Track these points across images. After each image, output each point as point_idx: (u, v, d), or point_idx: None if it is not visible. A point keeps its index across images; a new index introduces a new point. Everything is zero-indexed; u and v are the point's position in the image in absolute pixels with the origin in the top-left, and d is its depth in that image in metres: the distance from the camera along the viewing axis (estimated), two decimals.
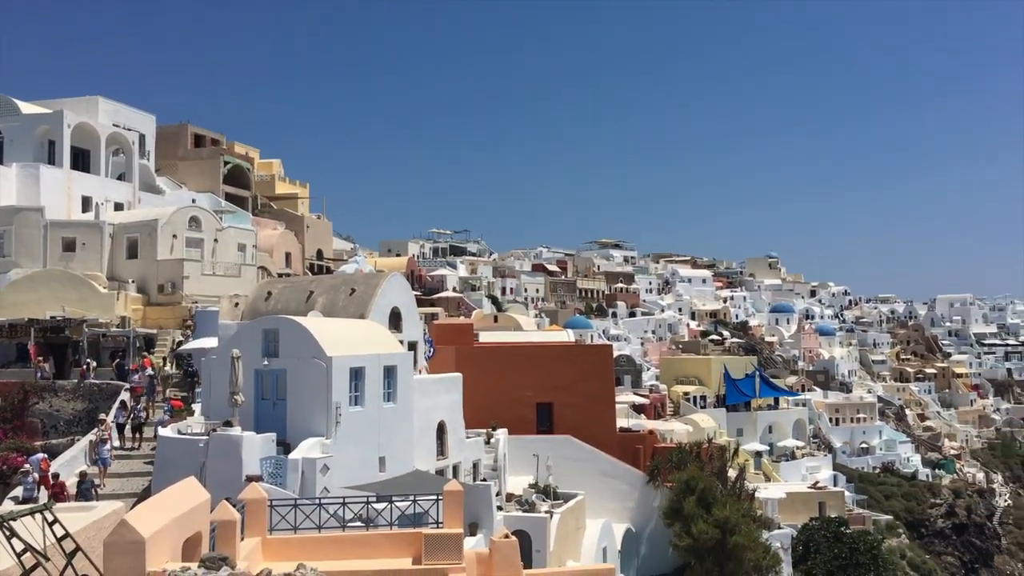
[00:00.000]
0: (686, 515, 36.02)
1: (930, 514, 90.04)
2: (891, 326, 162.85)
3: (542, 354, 45.00)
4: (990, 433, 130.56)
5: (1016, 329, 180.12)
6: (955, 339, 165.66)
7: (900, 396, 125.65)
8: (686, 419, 68.87)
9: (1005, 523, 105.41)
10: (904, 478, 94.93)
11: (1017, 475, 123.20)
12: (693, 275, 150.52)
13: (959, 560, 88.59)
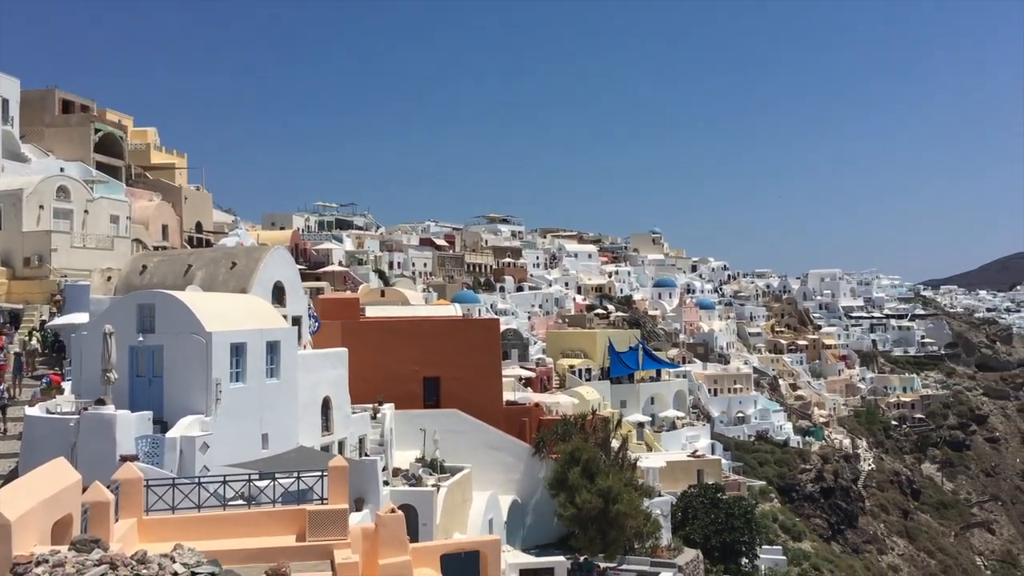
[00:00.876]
0: (570, 485, 36.71)
1: (800, 479, 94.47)
2: (766, 300, 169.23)
3: (429, 328, 44.89)
4: (856, 401, 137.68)
5: (881, 302, 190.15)
6: (825, 312, 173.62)
7: (774, 367, 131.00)
8: (572, 392, 70.01)
9: (868, 486, 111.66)
10: (777, 445, 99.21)
11: (880, 441, 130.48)
12: (579, 250, 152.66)
13: (826, 522, 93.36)
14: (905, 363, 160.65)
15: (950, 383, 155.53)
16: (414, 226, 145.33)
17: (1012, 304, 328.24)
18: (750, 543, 46.76)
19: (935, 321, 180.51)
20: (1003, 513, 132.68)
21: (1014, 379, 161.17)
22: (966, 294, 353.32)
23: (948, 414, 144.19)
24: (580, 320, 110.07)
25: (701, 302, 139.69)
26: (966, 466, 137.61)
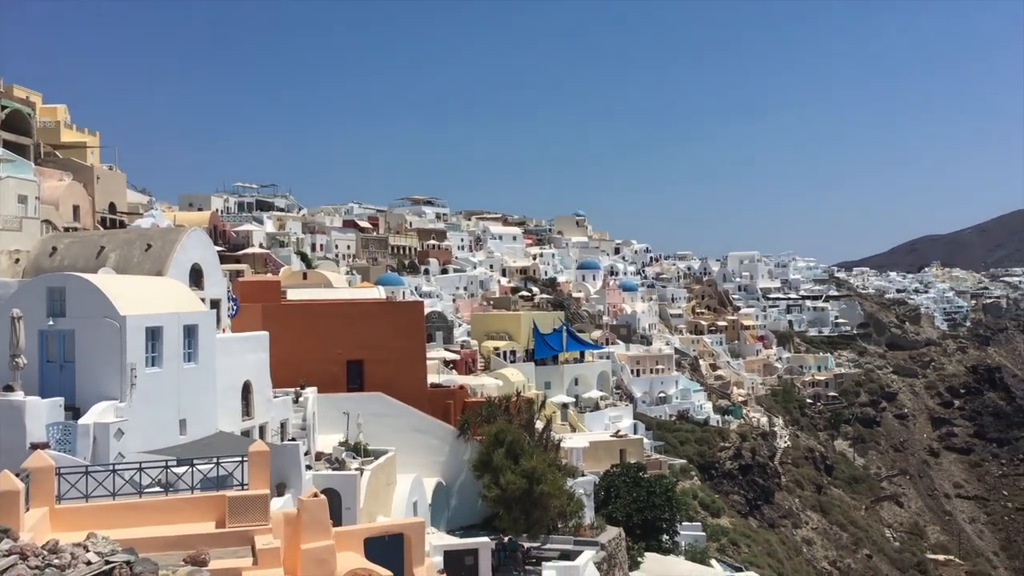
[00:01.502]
0: (495, 467, 36.88)
1: (720, 457, 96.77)
2: (688, 282, 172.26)
3: (352, 311, 44.46)
4: (773, 381, 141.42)
5: (797, 284, 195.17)
6: (744, 294, 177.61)
7: (695, 348, 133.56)
8: (496, 374, 70.22)
9: (784, 462, 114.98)
10: (697, 424, 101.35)
11: (796, 418, 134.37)
12: (504, 232, 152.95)
13: (744, 498, 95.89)
14: (820, 343, 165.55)
15: (862, 362, 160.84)
16: (337, 208, 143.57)
17: (920, 285, 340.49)
18: (670, 520, 47.74)
19: (848, 302, 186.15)
20: (911, 486, 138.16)
21: (921, 357, 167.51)
22: (877, 276, 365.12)
23: (860, 392, 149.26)
24: (505, 302, 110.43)
25: (624, 284, 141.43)
26: (876, 442, 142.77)
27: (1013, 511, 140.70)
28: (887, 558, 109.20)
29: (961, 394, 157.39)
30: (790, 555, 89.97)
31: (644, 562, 41.45)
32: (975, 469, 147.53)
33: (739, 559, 62.25)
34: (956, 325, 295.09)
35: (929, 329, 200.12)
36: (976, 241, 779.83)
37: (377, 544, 19.53)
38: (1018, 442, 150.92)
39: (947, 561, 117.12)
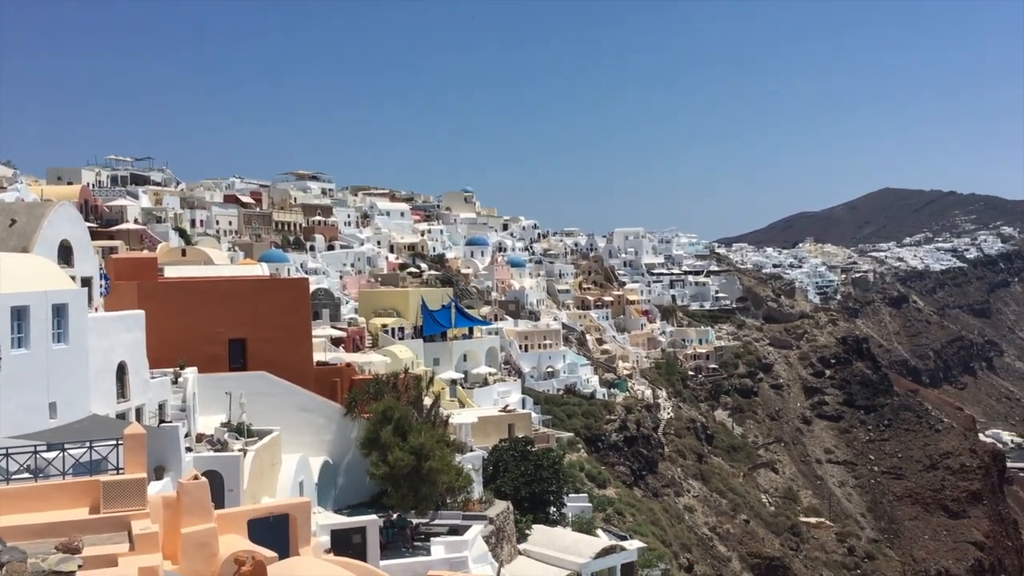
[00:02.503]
0: (383, 444, 36.70)
1: (606, 429, 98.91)
2: (575, 257, 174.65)
3: (234, 289, 43.30)
4: (657, 354, 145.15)
5: (680, 260, 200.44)
6: (629, 269, 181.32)
7: (582, 323, 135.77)
8: (384, 351, 69.76)
9: (668, 433, 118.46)
10: (584, 398, 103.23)
11: (678, 390, 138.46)
12: (392, 208, 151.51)
13: (629, 468, 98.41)
14: (701, 317, 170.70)
15: (740, 335, 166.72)
16: (217, 182, 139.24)
17: (795, 260, 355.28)
18: (558, 492, 48.55)
19: (728, 277, 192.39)
20: (785, 453, 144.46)
21: (796, 330, 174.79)
22: (755, 251, 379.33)
23: (738, 363, 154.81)
24: (393, 279, 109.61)
25: (512, 260, 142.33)
26: (754, 411, 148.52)
27: (879, 474, 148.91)
28: (763, 522, 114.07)
29: (832, 364, 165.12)
30: (672, 523, 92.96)
31: (532, 534, 42.05)
32: (844, 435, 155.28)
33: (624, 528, 63.88)
34: (827, 298, 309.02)
35: (803, 302, 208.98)
36: (846, 218, 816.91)
37: (262, 526, 19.22)
38: (883, 409, 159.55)
39: (819, 523, 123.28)
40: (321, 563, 18.96)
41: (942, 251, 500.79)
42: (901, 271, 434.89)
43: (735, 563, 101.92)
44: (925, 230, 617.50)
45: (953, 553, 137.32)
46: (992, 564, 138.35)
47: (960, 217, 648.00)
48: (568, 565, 38.62)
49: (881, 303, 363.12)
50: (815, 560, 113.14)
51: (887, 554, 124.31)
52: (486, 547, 35.81)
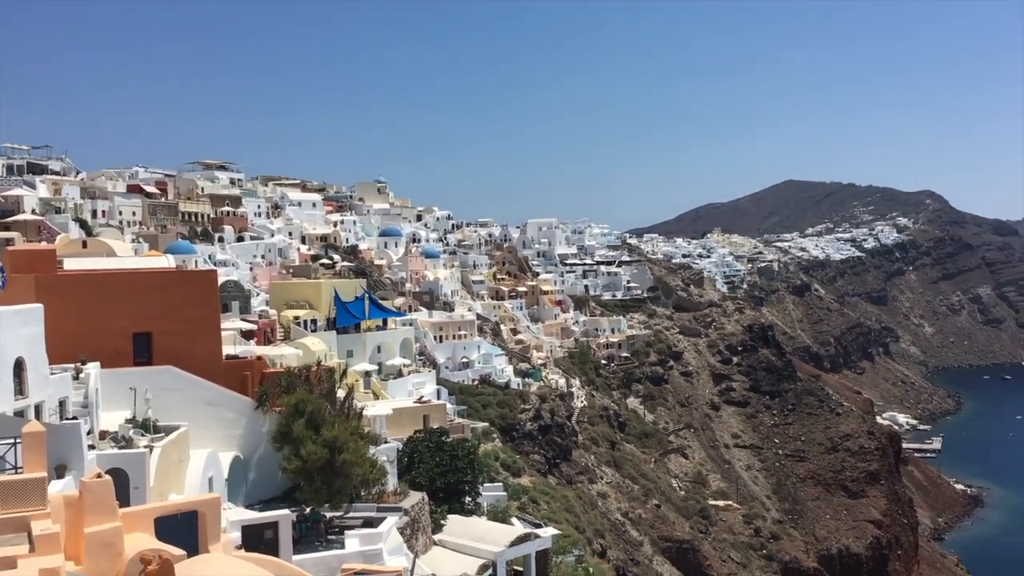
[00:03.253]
0: (295, 438, 36.19)
1: (520, 418, 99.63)
2: (489, 248, 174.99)
3: (138, 281, 42.06)
4: (570, 343, 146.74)
5: (592, 250, 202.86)
6: (543, 259, 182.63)
7: (496, 313, 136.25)
8: (297, 343, 68.82)
9: (581, 421, 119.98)
10: (499, 388, 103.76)
11: (591, 379, 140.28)
12: (303, 199, 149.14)
13: (544, 457, 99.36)
14: (613, 306, 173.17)
15: (651, 323, 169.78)
16: (120, 172, 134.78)
17: (703, 250, 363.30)
18: (473, 482, 48.73)
19: (639, 267, 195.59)
20: (695, 439, 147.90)
21: (704, 318, 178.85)
22: (665, 242, 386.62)
23: (650, 352, 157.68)
24: (305, 270, 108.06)
25: (426, 251, 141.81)
26: (664, 398, 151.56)
27: (783, 457, 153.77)
28: (674, 506, 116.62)
29: (738, 351, 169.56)
30: (586, 509, 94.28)
31: (447, 524, 42.13)
32: (751, 420, 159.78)
33: (539, 516, 64.52)
34: (735, 287, 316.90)
35: (711, 291, 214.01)
36: (752, 209, 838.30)
37: (169, 523, 18.82)
38: (787, 394, 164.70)
39: (727, 506, 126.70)
40: (231, 560, 18.67)
41: (842, 241, 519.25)
42: (804, 261, 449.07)
43: (647, 547, 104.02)
44: (826, 221, 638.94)
45: (853, 531, 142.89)
46: (889, 541, 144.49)
47: (859, 208, 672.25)
48: (483, 554, 38.84)
49: (785, 292, 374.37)
50: (723, 542, 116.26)
51: (791, 534, 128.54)
52: (401, 539, 35.74)
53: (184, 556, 16.66)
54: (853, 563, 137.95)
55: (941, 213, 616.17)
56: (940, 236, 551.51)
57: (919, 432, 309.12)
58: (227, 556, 19.08)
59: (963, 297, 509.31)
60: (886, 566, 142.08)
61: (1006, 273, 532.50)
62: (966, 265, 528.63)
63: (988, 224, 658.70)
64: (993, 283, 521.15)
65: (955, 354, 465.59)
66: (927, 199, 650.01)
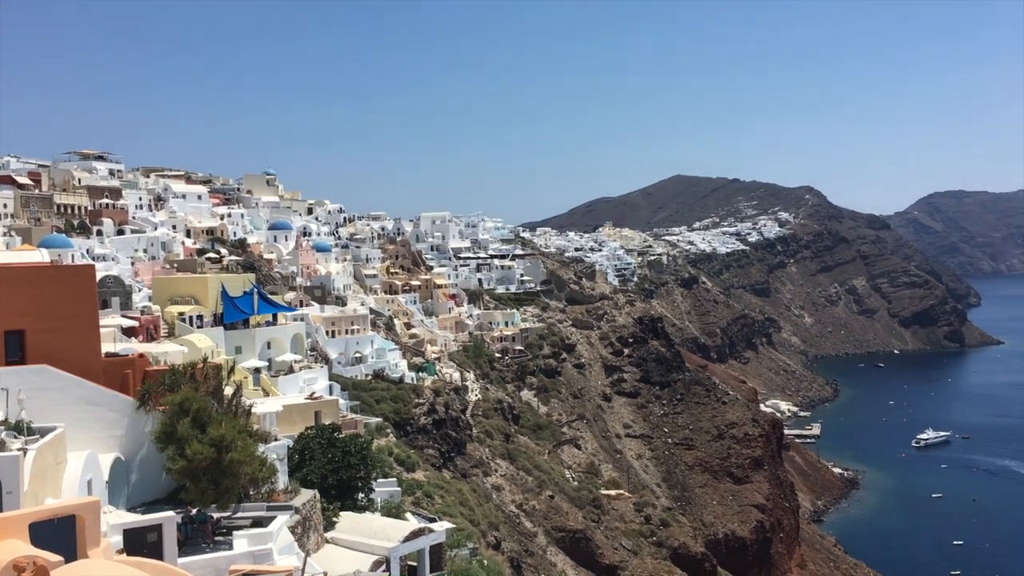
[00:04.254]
0: (180, 437, 35.08)
1: (414, 413, 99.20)
2: (382, 242, 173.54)
3: (10, 277, 39.97)
4: (464, 337, 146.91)
5: (486, 244, 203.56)
6: (436, 253, 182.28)
7: (389, 307, 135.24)
8: (182, 340, 66.79)
9: (476, 415, 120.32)
10: (393, 382, 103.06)
11: (485, 372, 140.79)
12: (188, 191, 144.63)
13: (438, 451, 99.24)
14: (507, 299, 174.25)
15: (545, 316, 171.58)
16: None
17: (595, 244, 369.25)
18: (366, 478, 48.25)
19: (532, 260, 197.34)
20: (587, 430, 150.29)
21: (596, 311, 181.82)
22: (558, 235, 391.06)
23: (543, 344, 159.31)
24: (190, 265, 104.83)
25: (318, 245, 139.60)
26: (558, 390, 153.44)
27: (672, 446, 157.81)
28: (567, 497, 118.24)
29: (629, 343, 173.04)
30: (481, 502, 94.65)
31: (339, 521, 41.60)
32: (641, 410, 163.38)
33: (433, 510, 64.44)
34: (625, 280, 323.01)
35: (603, 284, 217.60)
36: (642, 203, 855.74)
37: (45, 528, 18.06)
38: (676, 384, 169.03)
39: (618, 495, 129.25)
40: (111, 564, 18.00)
41: (727, 235, 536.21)
42: (692, 254, 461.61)
43: (541, 538, 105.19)
44: (712, 215, 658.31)
45: (738, 516, 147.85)
46: (772, 524, 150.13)
47: (743, 203, 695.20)
48: (376, 551, 38.53)
49: (674, 284, 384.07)
50: (615, 530, 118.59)
51: (680, 520, 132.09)
52: (292, 537, 35.12)
53: (61, 562, 16.01)
54: (738, 546, 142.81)
55: (819, 208, 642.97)
56: (819, 230, 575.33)
57: (800, 419, 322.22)
58: (107, 561, 18.41)
59: (840, 288, 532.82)
60: (769, 549, 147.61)
61: (879, 265, 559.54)
62: (842, 258, 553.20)
63: (862, 218, 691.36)
64: (867, 275, 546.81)
65: (832, 343, 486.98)
66: (807, 194, 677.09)
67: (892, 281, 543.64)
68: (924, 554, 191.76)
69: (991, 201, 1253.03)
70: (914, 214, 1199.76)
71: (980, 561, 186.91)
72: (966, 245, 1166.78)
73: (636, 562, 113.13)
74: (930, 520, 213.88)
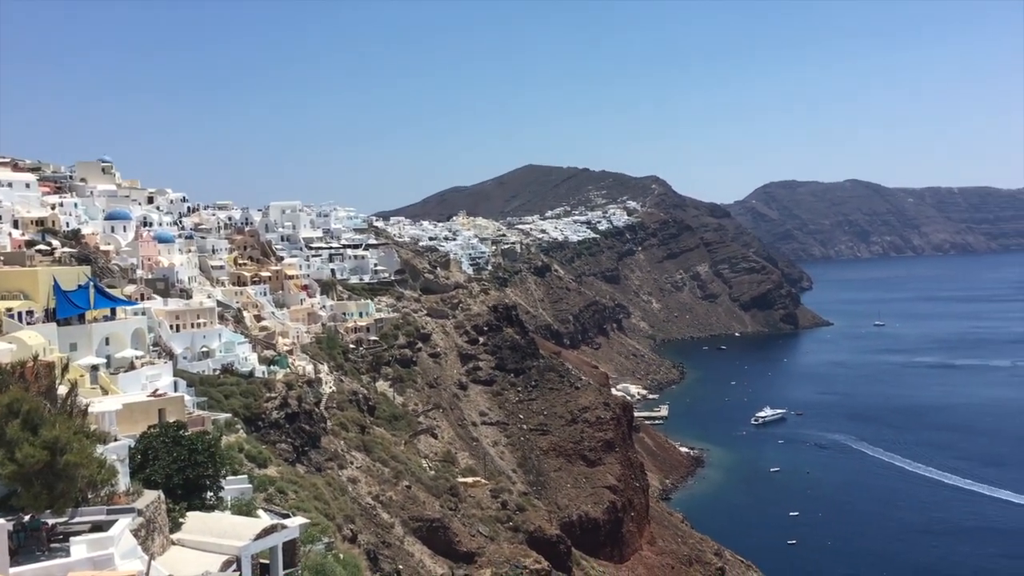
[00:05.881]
0: (9, 440, 32.94)
1: (266, 408, 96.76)
2: (229, 232, 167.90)
3: None
4: (318, 328, 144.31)
5: (338, 233, 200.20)
6: (287, 244, 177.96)
7: (238, 299, 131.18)
8: (9, 337, 62.64)
9: (330, 407, 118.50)
10: (243, 377, 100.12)
11: (340, 364, 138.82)
12: (15, 179, 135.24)
13: (291, 445, 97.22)
14: (361, 290, 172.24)
15: (399, 306, 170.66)
16: None
17: (449, 233, 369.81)
18: (214, 476, 46.68)
19: (386, 250, 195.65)
20: (444, 419, 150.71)
21: (451, 300, 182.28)
22: (412, 224, 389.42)
23: (398, 334, 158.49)
24: (18, 258, 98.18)
25: (159, 235, 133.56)
26: (413, 380, 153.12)
27: (527, 432, 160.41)
28: (424, 486, 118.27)
29: (485, 332, 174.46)
30: (336, 495, 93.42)
31: (186, 522, 40.11)
32: (497, 398, 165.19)
33: (286, 506, 63.10)
34: (480, 269, 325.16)
35: (457, 273, 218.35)
36: (495, 192, 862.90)
37: None
38: (531, 371, 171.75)
39: (475, 482, 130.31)
40: None
41: (579, 223, 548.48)
42: (544, 242, 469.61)
43: (398, 528, 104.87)
44: (564, 204, 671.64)
45: (591, 498, 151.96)
46: (623, 504, 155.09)
47: (593, 192, 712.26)
48: (226, 550, 37.38)
49: (527, 272, 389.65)
50: (472, 517, 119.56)
51: (535, 504, 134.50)
52: (135, 541, 33.64)
53: None
54: (592, 527, 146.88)
55: (665, 197, 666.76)
56: (665, 219, 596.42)
57: (648, 401, 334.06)
58: None
59: (685, 275, 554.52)
60: (621, 527, 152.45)
61: (721, 252, 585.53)
62: (687, 245, 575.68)
63: (705, 207, 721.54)
64: (710, 261, 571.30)
65: (679, 327, 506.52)
66: (653, 184, 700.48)
67: (733, 267, 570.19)
68: (765, 526, 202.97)
69: (821, 191, 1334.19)
70: (752, 203, 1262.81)
71: (814, 529, 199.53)
72: (799, 232, 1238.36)
73: (493, 547, 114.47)
74: (769, 493, 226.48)
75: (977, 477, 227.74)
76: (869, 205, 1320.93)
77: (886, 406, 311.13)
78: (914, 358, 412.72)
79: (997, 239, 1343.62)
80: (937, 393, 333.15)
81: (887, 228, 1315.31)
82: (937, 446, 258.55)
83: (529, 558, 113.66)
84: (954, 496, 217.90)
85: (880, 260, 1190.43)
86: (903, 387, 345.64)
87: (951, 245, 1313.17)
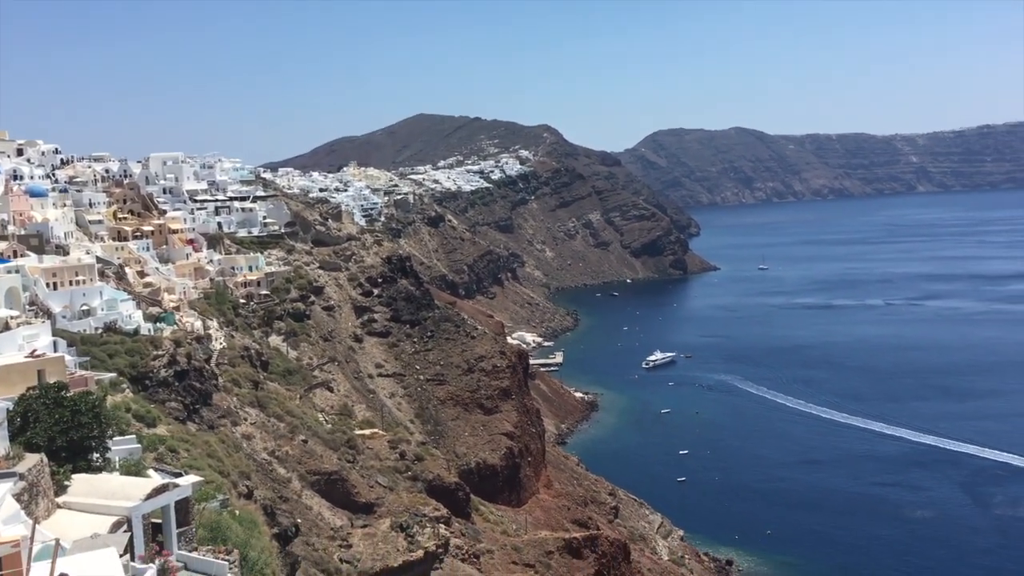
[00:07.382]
0: None
1: (153, 366, 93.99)
2: (107, 185, 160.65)
3: None
4: (205, 284, 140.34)
5: (224, 185, 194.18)
6: (170, 196, 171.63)
7: (119, 255, 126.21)
8: None
9: (221, 363, 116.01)
10: (127, 335, 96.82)
11: (230, 319, 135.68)
12: None
13: (182, 403, 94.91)
14: (250, 243, 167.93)
15: (291, 259, 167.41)
16: None
17: (340, 184, 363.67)
18: (100, 437, 45.31)
19: (275, 202, 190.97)
20: (339, 372, 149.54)
21: (344, 252, 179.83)
22: (301, 176, 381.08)
23: (290, 288, 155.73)
24: None
25: (31, 189, 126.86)
26: (307, 334, 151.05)
27: (424, 382, 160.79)
28: (321, 440, 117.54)
29: (379, 283, 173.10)
30: (230, 452, 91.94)
31: (72, 484, 38.90)
32: (393, 349, 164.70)
33: (178, 465, 61.76)
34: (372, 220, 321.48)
35: (350, 225, 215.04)
36: (387, 142, 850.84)
37: None
38: (426, 322, 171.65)
39: (373, 434, 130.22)
40: None
41: (471, 173, 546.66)
42: (437, 192, 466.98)
43: (295, 483, 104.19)
44: (456, 154, 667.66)
45: (489, 445, 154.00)
46: (520, 450, 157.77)
47: (485, 141, 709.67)
48: (115, 511, 36.48)
49: (421, 223, 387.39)
50: (370, 469, 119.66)
51: (434, 454, 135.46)
52: (18, 505, 32.49)
53: None
54: (490, 474, 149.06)
55: (557, 146, 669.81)
56: (557, 167, 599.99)
57: (544, 348, 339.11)
58: None
59: (577, 223, 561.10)
60: (518, 473, 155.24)
61: (612, 200, 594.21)
62: (579, 194, 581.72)
63: (596, 156, 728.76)
64: (602, 209, 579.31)
65: (572, 275, 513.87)
66: (545, 133, 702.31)
67: (624, 215, 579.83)
68: (656, 465, 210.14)
69: (707, 139, 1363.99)
70: (641, 151, 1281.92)
71: (702, 466, 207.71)
72: (687, 179, 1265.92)
73: (392, 497, 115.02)
74: (660, 434, 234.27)
75: (851, 411, 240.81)
76: (753, 152, 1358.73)
77: (769, 346, 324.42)
78: (795, 299, 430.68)
79: (871, 183, 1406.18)
80: (815, 332, 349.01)
81: (770, 175, 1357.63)
82: (815, 383, 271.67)
83: (428, 506, 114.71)
84: (830, 429, 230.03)
85: (764, 206, 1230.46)
86: (785, 328, 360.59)
87: (829, 190, 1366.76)
